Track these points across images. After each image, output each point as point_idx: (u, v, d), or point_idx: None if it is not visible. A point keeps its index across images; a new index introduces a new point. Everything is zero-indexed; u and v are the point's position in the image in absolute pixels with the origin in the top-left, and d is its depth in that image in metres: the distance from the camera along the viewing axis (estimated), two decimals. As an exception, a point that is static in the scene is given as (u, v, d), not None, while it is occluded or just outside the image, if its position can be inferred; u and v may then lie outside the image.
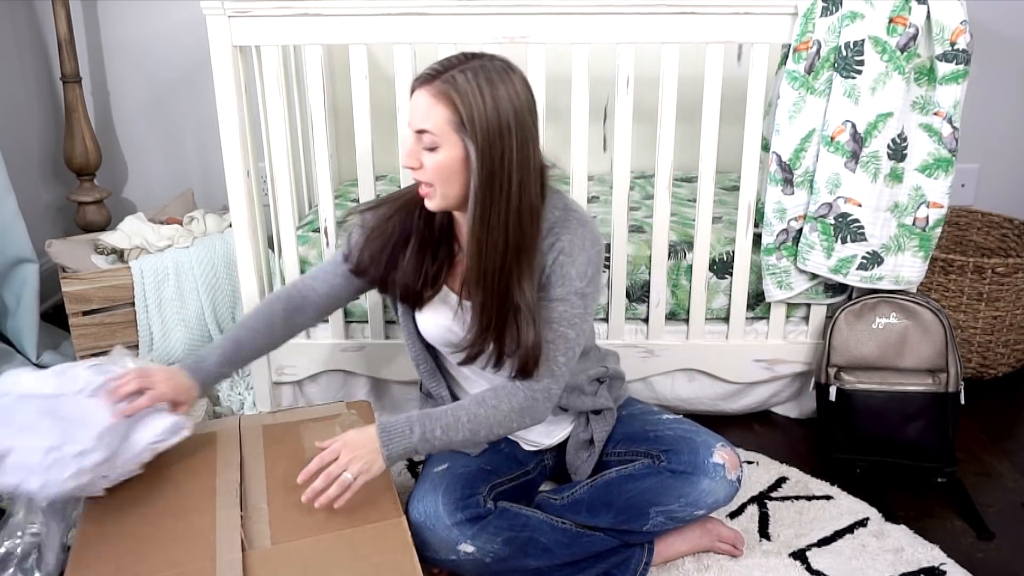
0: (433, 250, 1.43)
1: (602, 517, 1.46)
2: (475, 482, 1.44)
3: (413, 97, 1.29)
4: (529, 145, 1.28)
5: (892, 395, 1.84)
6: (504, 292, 1.31)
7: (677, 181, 2.38)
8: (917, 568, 1.54)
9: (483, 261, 1.30)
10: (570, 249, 1.35)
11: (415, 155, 1.30)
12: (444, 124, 1.25)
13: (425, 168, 1.29)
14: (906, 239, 1.84)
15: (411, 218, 1.42)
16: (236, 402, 2.06)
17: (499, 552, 1.39)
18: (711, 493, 1.45)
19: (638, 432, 1.55)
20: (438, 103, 1.25)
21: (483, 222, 1.28)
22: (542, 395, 1.36)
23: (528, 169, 1.29)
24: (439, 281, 1.44)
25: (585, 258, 1.35)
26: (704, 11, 1.73)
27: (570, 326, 1.36)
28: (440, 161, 1.27)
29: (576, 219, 1.38)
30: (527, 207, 1.29)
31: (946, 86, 1.74)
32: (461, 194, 1.30)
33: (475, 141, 1.24)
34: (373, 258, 1.44)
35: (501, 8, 1.72)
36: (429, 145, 1.27)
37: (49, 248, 2.25)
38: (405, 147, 1.32)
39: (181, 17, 2.61)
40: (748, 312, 1.98)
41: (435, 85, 1.25)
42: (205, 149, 2.77)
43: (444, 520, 1.37)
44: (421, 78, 1.28)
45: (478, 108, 1.23)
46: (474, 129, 1.24)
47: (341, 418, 1.56)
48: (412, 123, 1.29)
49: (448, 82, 1.24)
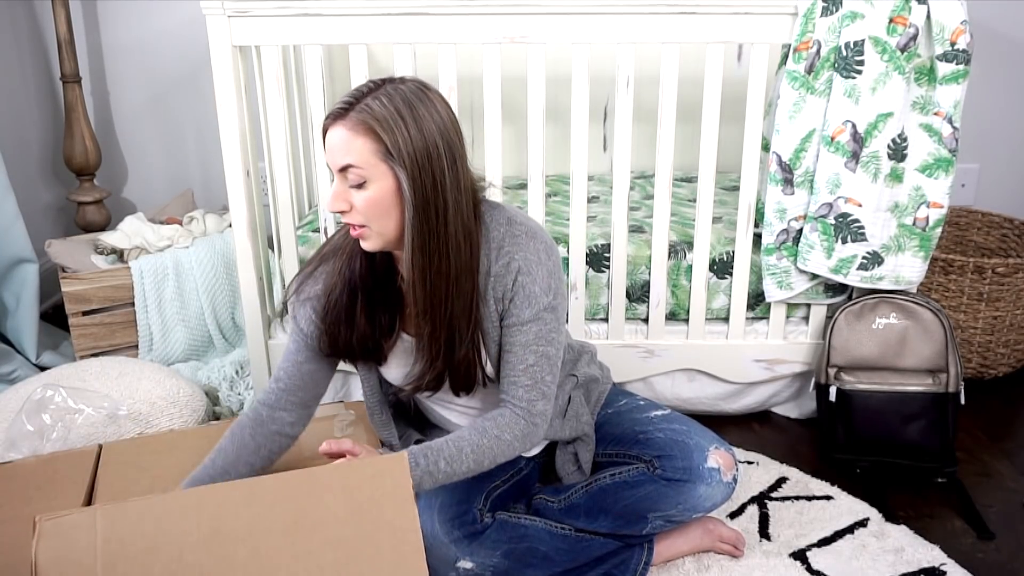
0: (382, 298, 1.36)
1: (600, 522, 1.45)
2: (469, 495, 1.42)
3: (328, 135, 1.22)
4: (458, 164, 1.24)
5: (892, 395, 1.84)
6: (452, 318, 1.28)
7: (677, 181, 2.38)
8: (917, 568, 1.54)
9: (428, 291, 1.25)
10: (527, 267, 1.30)
11: (342, 196, 1.22)
12: (369, 155, 1.19)
13: (356, 208, 1.22)
14: (906, 239, 1.84)
15: (352, 272, 1.34)
16: (236, 402, 2.06)
17: (499, 565, 1.38)
18: (708, 498, 1.44)
19: (627, 434, 1.51)
20: (358, 135, 1.19)
21: (423, 251, 1.23)
22: (540, 419, 1.35)
23: (460, 189, 1.24)
24: (395, 328, 1.38)
25: (545, 272, 1.31)
26: (704, 11, 1.73)
27: (548, 343, 1.33)
28: (371, 196, 1.21)
29: (524, 232, 1.32)
30: (464, 229, 1.25)
31: (946, 86, 1.74)
32: (398, 227, 1.24)
33: (405, 168, 1.19)
34: (331, 331, 1.36)
35: (501, 8, 1.72)
36: (356, 182, 1.21)
37: (49, 248, 2.25)
38: (328, 192, 1.24)
39: (181, 17, 2.61)
40: (748, 312, 1.97)
41: (351, 117, 1.19)
42: (205, 149, 2.77)
43: (441, 539, 1.36)
44: (333, 114, 1.21)
45: (402, 134, 1.18)
46: (401, 156, 1.18)
47: (339, 418, 1.56)
48: (333, 161, 1.21)
49: (364, 111, 1.19)
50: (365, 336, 1.36)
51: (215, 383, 2.12)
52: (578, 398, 1.52)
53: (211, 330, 2.26)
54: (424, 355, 1.32)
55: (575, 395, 1.52)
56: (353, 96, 1.21)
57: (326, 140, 1.23)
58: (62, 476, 1.42)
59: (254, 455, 1.37)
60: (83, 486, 1.39)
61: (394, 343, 1.39)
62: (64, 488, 1.39)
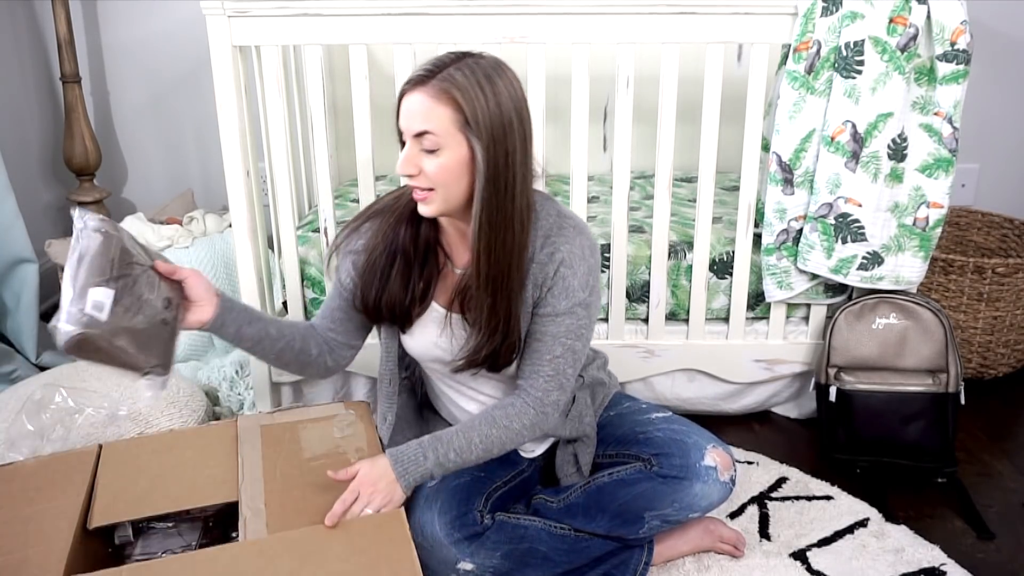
0: (420, 266, 1.38)
1: (598, 522, 1.44)
2: (470, 496, 1.42)
3: (406, 100, 1.24)
4: (528, 142, 1.27)
5: (892, 395, 1.84)
6: (511, 292, 1.30)
7: (677, 181, 2.38)
8: (917, 568, 1.54)
9: (492, 264, 1.27)
10: (570, 260, 1.32)
11: (413, 160, 1.25)
12: (448, 124, 1.21)
13: (425, 173, 1.25)
14: (906, 239, 1.84)
15: (396, 236, 1.37)
16: (235, 402, 2.06)
17: (499, 567, 1.38)
18: (704, 497, 1.43)
19: (628, 434, 1.52)
20: (439, 103, 1.21)
21: (490, 223, 1.25)
22: (551, 408, 1.36)
23: (527, 167, 1.27)
24: (428, 297, 1.40)
25: (586, 268, 1.33)
26: (704, 11, 1.73)
27: (577, 338, 1.35)
28: (444, 163, 1.23)
29: (572, 227, 1.35)
30: (527, 206, 1.29)
31: (946, 86, 1.74)
32: (464, 197, 1.27)
33: (481, 140, 1.21)
34: (365, 288, 1.40)
35: (501, 8, 1.72)
36: (430, 148, 1.23)
37: (49, 248, 2.24)
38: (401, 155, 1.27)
39: (181, 17, 2.61)
40: (748, 312, 1.97)
41: (433, 85, 1.21)
42: (205, 149, 2.77)
43: (442, 540, 1.36)
44: (414, 80, 1.23)
45: (481, 105, 1.20)
46: (479, 127, 1.20)
47: (339, 418, 1.55)
48: (409, 127, 1.24)
49: (446, 80, 1.21)
50: (396, 300, 1.38)
51: (215, 383, 2.12)
52: (583, 399, 1.53)
53: (211, 330, 2.26)
54: (482, 330, 1.33)
55: (580, 396, 1.52)
56: (435, 65, 1.23)
57: (403, 104, 1.25)
58: (62, 476, 1.41)
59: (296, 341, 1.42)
60: (83, 486, 1.39)
61: (423, 312, 1.41)
62: (64, 488, 1.38)
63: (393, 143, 1.27)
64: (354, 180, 2.24)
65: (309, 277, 1.95)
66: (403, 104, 1.25)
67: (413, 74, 1.24)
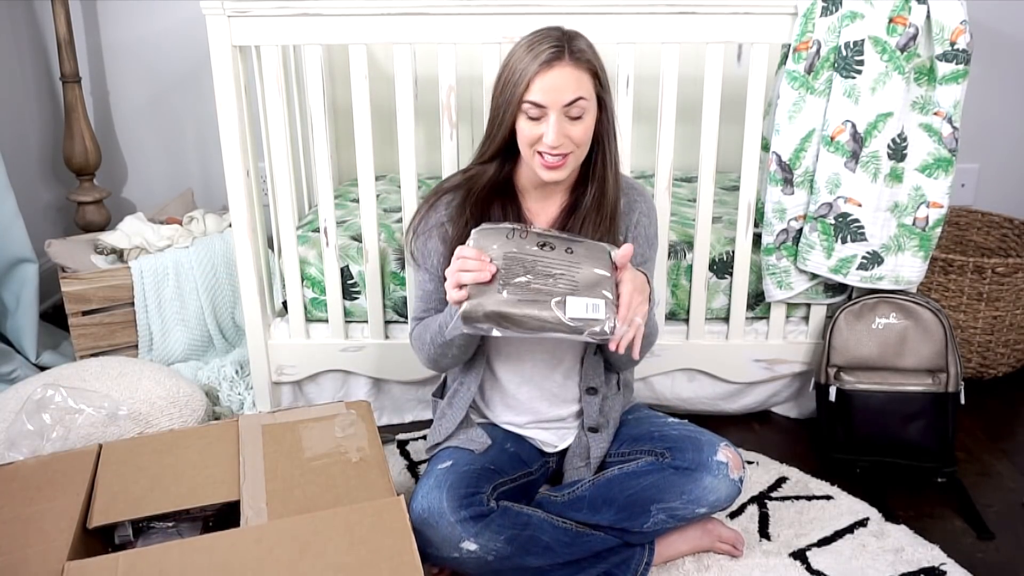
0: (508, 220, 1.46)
1: (603, 514, 1.46)
2: (479, 480, 1.44)
3: (549, 76, 1.32)
4: None
5: (892, 395, 1.84)
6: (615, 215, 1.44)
7: (677, 181, 2.38)
8: (917, 568, 1.54)
9: (607, 198, 1.43)
10: (648, 211, 1.51)
11: (563, 131, 1.34)
12: (591, 88, 1.35)
13: (571, 138, 1.35)
14: (906, 239, 1.84)
15: (480, 203, 1.45)
16: (236, 402, 2.06)
17: (501, 550, 1.39)
18: (713, 491, 1.45)
19: (643, 434, 1.55)
20: (583, 71, 1.34)
21: (605, 165, 1.42)
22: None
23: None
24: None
25: (656, 224, 1.54)
26: (704, 11, 1.73)
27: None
28: (588, 125, 1.36)
29: (638, 186, 1.52)
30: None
31: (946, 86, 1.74)
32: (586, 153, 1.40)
33: (608, 97, 1.38)
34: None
35: (501, 8, 1.72)
36: (578, 114, 1.34)
37: (49, 248, 2.25)
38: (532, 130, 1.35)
39: (181, 17, 2.61)
40: (748, 312, 1.98)
41: (570, 58, 1.33)
42: (205, 149, 2.77)
43: (448, 517, 1.37)
44: (548, 59, 1.32)
45: (603, 70, 1.37)
46: (607, 89, 1.38)
47: (340, 418, 1.56)
48: (559, 99, 1.32)
49: (579, 52, 1.34)
50: None
51: (215, 383, 2.12)
52: (618, 396, 1.59)
53: (211, 330, 2.26)
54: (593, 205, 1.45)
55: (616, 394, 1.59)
56: (555, 42, 1.34)
57: (545, 81, 1.32)
58: (62, 476, 1.42)
59: None
60: (83, 486, 1.39)
61: None
62: (64, 488, 1.39)
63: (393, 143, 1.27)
64: (354, 180, 2.24)
65: (309, 277, 1.95)
66: (546, 80, 1.32)
67: (541, 54, 1.32)
